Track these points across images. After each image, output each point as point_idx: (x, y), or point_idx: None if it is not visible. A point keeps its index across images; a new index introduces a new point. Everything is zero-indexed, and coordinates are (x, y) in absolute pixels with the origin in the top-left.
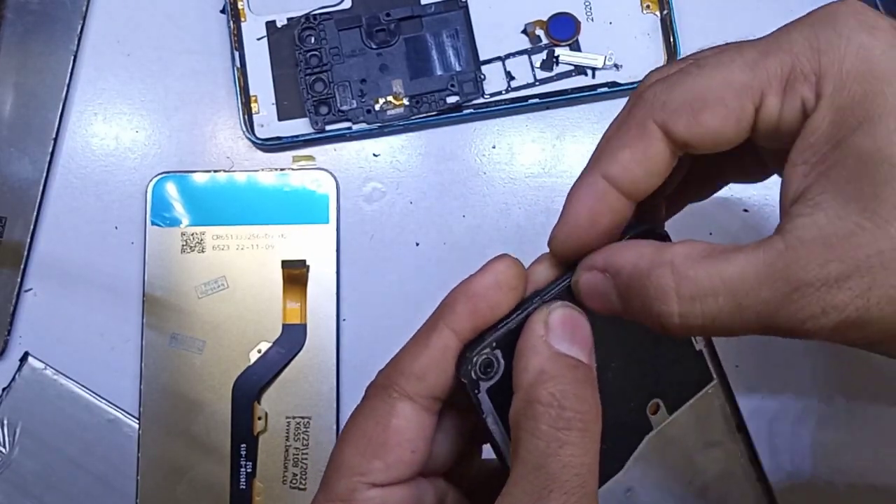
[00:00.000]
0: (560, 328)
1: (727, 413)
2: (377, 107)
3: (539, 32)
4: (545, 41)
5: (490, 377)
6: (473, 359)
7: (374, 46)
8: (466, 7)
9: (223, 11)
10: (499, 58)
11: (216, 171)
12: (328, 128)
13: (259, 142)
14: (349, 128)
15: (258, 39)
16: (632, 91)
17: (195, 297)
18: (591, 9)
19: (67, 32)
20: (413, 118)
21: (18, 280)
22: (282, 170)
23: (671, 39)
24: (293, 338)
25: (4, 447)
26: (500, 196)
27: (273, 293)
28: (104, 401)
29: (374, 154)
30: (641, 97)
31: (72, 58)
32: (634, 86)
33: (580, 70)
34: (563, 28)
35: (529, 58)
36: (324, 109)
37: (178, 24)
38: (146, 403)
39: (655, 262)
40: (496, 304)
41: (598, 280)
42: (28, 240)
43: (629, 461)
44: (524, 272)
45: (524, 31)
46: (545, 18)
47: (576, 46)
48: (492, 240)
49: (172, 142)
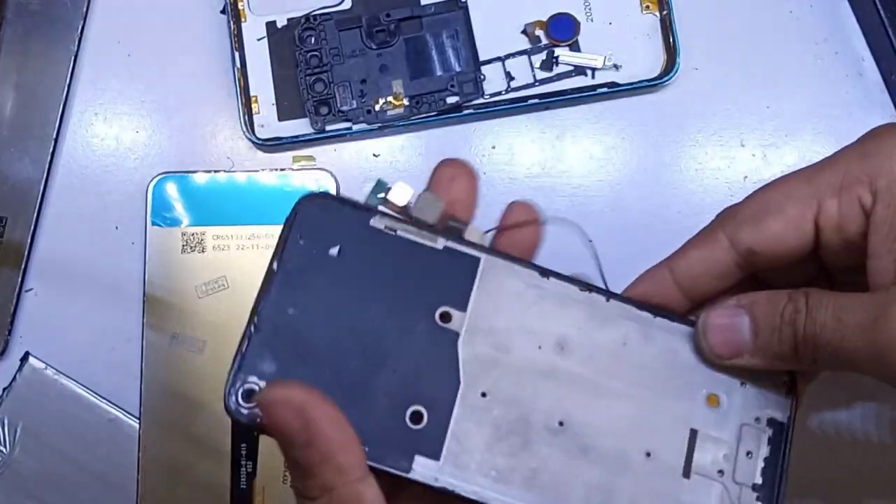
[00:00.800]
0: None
1: (521, 272)
2: (377, 107)
3: (539, 33)
4: (545, 41)
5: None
6: (230, 398)
7: (374, 47)
8: (466, 7)
9: (223, 11)
10: (499, 58)
11: (216, 172)
12: (328, 128)
13: (259, 142)
14: (349, 128)
15: (258, 40)
16: (631, 91)
17: (196, 297)
18: (591, 9)
19: (67, 32)
20: (413, 118)
21: (18, 280)
22: (282, 170)
23: (671, 39)
24: None
25: (5, 447)
26: (500, 196)
27: None
28: (105, 401)
29: (374, 154)
30: (717, 215)
31: (72, 58)
32: (634, 86)
33: (580, 70)
34: (563, 28)
35: (529, 58)
36: (324, 110)
37: (178, 25)
38: (147, 403)
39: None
40: None
41: (734, 314)
42: (28, 240)
43: (461, 372)
44: None
45: (524, 32)
46: (545, 19)
47: (575, 47)
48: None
49: (173, 142)
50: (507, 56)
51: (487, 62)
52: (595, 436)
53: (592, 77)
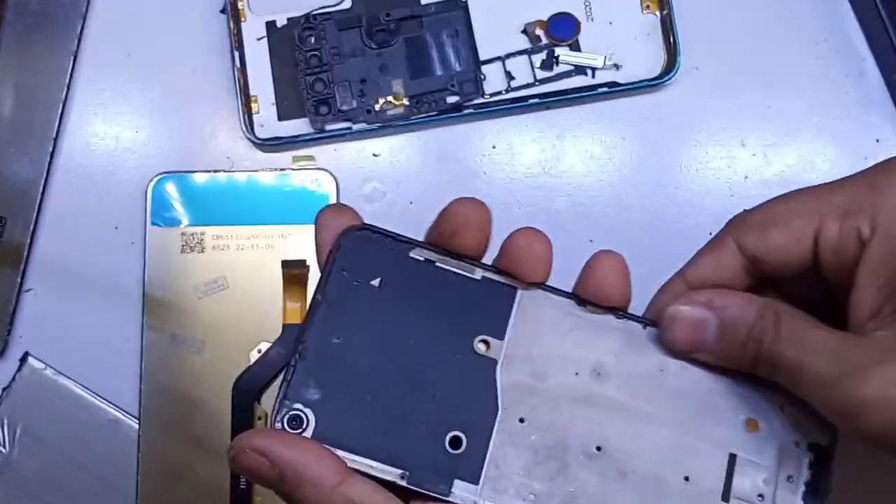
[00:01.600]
0: None
1: (559, 302)
2: (377, 107)
3: (539, 32)
4: (545, 41)
5: (305, 427)
6: (276, 422)
7: (374, 46)
8: (466, 7)
9: (223, 11)
10: (499, 58)
11: (216, 171)
12: (328, 128)
13: (259, 142)
14: (349, 128)
15: (258, 39)
16: (632, 91)
17: (195, 297)
18: (591, 9)
19: (67, 32)
20: (413, 118)
21: (18, 280)
22: (282, 170)
23: (671, 39)
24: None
25: (4, 447)
26: (500, 196)
27: (273, 293)
28: (104, 401)
29: (374, 154)
30: (728, 222)
31: (72, 58)
32: (635, 86)
33: (580, 70)
34: (563, 28)
35: (529, 58)
36: (324, 109)
37: (178, 24)
38: (146, 403)
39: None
40: None
41: (702, 313)
42: (28, 240)
43: (499, 399)
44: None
45: (524, 31)
46: (545, 18)
47: (576, 46)
48: (492, 240)
49: (172, 142)
50: (508, 56)
51: (487, 62)
52: (633, 460)
53: (593, 77)
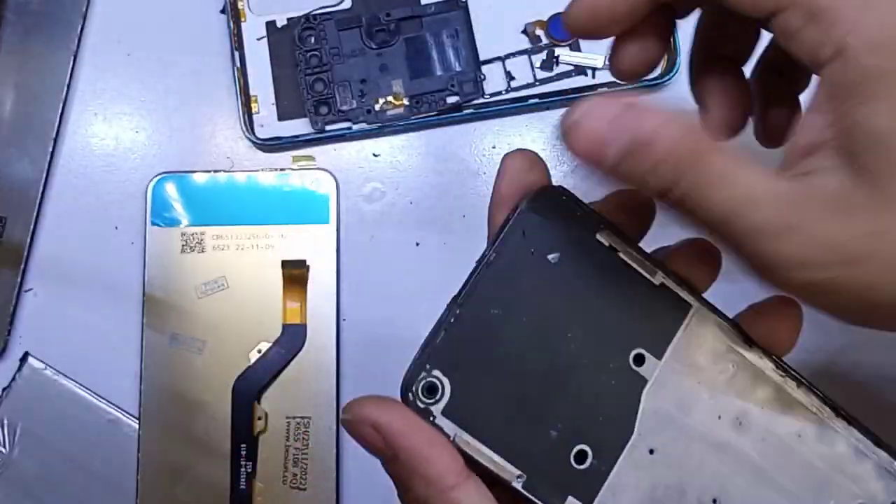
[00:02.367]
0: None
1: (727, 333)
2: (377, 107)
3: (539, 32)
4: (545, 41)
5: (438, 399)
6: (412, 388)
7: (374, 46)
8: (466, 7)
9: (223, 11)
10: (499, 58)
11: (216, 172)
12: (328, 128)
13: (259, 142)
14: (349, 128)
15: (258, 39)
16: (632, 91)
17: (195, 297)
18: None
19: (67, 32)
20: (413, 118)
21: (18, 280)
22: (282, 170)
23: (671, 39)
24: (293, 338)
25: (4, 447)
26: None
27: (273, 293)
28: (104, 401)
29: (374, 154)
30: None
31: (72, 58)
32: (634, 86)
33: (580, 70)
34: (563, 28)
35: (529, 58)
36: (324, 109)
37: (178, 24)
38: (146, 403)
39: (690, 136)
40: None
41: (606, 128)
42: (28, 240)
43: (637, 422)
44: (538, 157)
45: (524, 31)
46: (545, 18)
47: (576, 46)
48: None
49: (172, 142)
50: (508, 56)
51: (487, 62)
52: None
53: (593, 77)
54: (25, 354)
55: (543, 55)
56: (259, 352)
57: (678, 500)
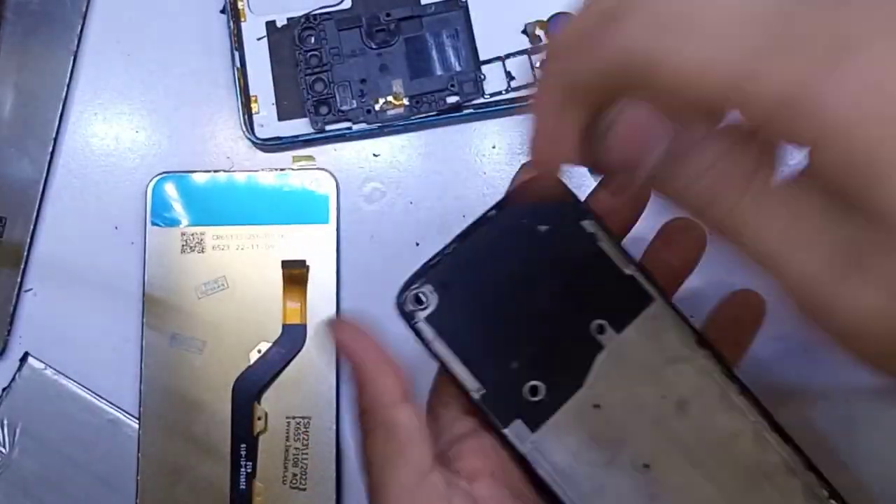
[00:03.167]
0: None
1: (682, 330)
2: (377, 107)
3: (539, 32)
4: (545, 41)
5: (423, 308)
6: (404, 294)
7: (374, 46)
8: (466, 7)
9: (223, 11)
10: (499, 58)
11: (216, 172)
12: (328, 128)
13: (259, 142)
14: (349, 128)
15: (258, 39)
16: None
17: (195, 297)
18: None
19: (67, 32)
20: (413, 118)
21: (18, 280)
22: (282, 170)
23: None
24: (293, 338)
25: (4, 447)
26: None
27: (273, 293)
28: (104, 401)
29: (374, 154)
30: None
31: (72, 58)
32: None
33: None
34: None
35: (530, 58)
36: (324, 109)
37: (178, 24)
38: (146, 403)
39: None
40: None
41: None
42: (28, 240)
43: (588, 379)
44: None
45: (524, 31)
46: (545, 18)
47: None
48: None
49: (172, 142)
50: (508, 56)
51: (487, 62)
52: (669, 492)
53: None
54: (25, 354)
55: (543, 55)
56: (259, 352)
57: (613, 455)
